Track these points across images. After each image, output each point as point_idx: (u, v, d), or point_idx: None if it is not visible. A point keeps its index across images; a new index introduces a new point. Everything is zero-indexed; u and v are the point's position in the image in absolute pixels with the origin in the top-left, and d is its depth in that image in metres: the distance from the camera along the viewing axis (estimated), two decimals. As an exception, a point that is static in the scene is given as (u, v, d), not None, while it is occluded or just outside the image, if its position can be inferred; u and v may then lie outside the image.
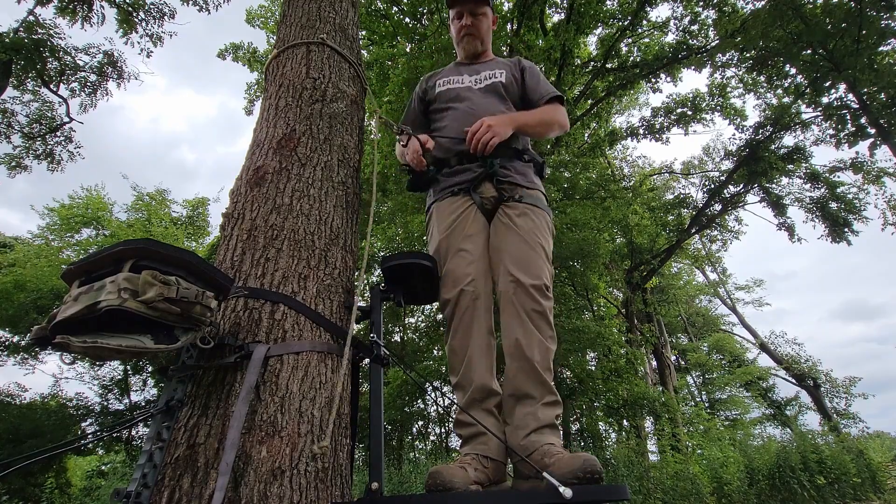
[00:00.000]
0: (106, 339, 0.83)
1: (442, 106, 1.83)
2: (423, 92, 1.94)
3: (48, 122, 9.72)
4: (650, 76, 11.34)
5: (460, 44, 1.96)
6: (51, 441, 8.48)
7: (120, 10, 9.21)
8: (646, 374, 12.87)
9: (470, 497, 1.02)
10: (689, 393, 18.93)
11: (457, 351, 1.46)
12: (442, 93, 1.85)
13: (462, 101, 1.79)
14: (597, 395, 8.92)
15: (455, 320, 1.47)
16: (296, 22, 1.90)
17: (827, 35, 8.79)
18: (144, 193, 14.10)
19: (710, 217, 12.87)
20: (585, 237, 8.58)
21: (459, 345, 1.45)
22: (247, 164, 1.52)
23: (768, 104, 11.67)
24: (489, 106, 1.75)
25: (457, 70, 1.92)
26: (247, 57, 12.70)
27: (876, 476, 7.00)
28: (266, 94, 1.75)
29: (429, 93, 1.90)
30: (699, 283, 21.79)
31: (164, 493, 0.91)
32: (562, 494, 0.92)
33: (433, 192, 1.74)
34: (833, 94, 10.21)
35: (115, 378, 11.41)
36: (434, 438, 13.01)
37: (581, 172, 10.61)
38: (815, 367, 16.56)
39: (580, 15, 9.36)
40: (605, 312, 13.13)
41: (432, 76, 1.97)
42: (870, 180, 11.63)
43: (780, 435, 10.46)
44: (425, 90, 1.92)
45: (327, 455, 1.04)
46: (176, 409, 1.03)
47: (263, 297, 1.18)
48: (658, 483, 6.48)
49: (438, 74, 1.95)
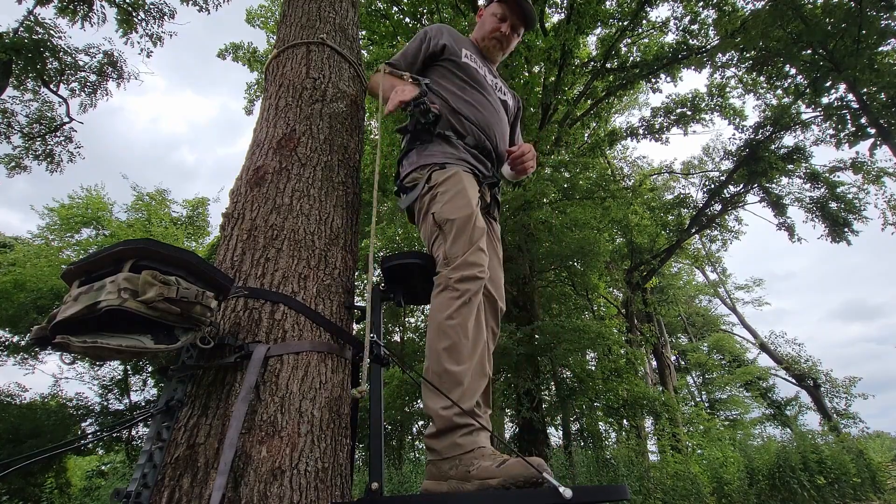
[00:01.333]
0: (106, 339, 0.83)
1: (465, 78, 1.69)
2: (436, 46, 1.74)
3: (48, 122, 9.72)
4: (650, 76, 11.35)
5: (487, 41, 1.85)
6: (51, 441, 8.48)
7: (120, 10, 9.21)
8: (646, 374, 12.87)
9: (470, 497, 1.02)
10: (689, 393, 18.95)
11: (475, 338, 1.25)
12: (467, 65, 1.72)
13: (485, 93, 1.69)
14: (597, 395, 8.91)
15: (473, 299, 1.27)
16: (296, 22, 1.90)
17: (827, 35, 8.79)
18: (144, 193, 14.12)
19: (710, 217, 12.87)
20: (586, 236, 8.59)
21: (478, 333, 1.26)
22: (247, 164, 1.52)
23: (768, 104, 11.67)
24: (503, 124, 1.74)
25: (480, 55, 1.84)
26: (247, 57, 12.70)
27: (876, 476, 7.00)
28: (266, 94, 1.75)
29: (446, 51, 1.73)
30: (699, 283, 21.81)
31: (164, 493, 0.91)
32: (562, 494, 0.92)
33: (441, 152, 1.52)
34: (833, 94, 10.22)
35: (115, 378, 11.42)
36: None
37: (581, 172, 10.61)
38: (815, 367, 16.57)
39: (580, 15, 9.35)
40: (605, 312, 13.15)
41: (453, 37, 1.79)
42: (870, 180, 11.64)
43: (780, 435, 10.46)
44: (442, 46, 1.73)
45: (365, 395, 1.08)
46: (176, 409, 1.03)
47: (263, 297, 1.18)
48: (658, 483, 6.48)
49: (460, 41, 1.79)
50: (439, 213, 1.37)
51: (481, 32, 1.88)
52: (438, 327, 1.22)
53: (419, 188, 1.47)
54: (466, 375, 1.17)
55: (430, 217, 1.40)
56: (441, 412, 1.12)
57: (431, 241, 1.40)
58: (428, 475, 1.12)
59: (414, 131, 1.56)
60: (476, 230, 1.33)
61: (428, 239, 1.43)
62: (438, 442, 1.11)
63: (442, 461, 1.09)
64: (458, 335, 1.20)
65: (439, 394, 1.13)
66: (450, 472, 1.07)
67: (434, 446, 1.11)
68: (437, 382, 1.16)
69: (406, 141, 1.63)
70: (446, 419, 1.10)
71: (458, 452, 1.07)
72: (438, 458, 1.10)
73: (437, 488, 1.06)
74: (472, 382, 1.18)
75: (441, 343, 1.20)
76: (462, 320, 1.22)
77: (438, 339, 1.21)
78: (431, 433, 1.14)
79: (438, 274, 1.32)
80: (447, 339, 1.20)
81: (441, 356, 1.18)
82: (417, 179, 1.50)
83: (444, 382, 1.15)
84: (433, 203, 1.41)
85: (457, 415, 1.10)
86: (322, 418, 1.08)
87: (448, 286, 1.26)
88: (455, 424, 1.10)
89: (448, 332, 1.20)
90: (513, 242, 9.05)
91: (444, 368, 1.17)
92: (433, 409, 1.14)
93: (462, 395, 1.14)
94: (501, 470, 1.00)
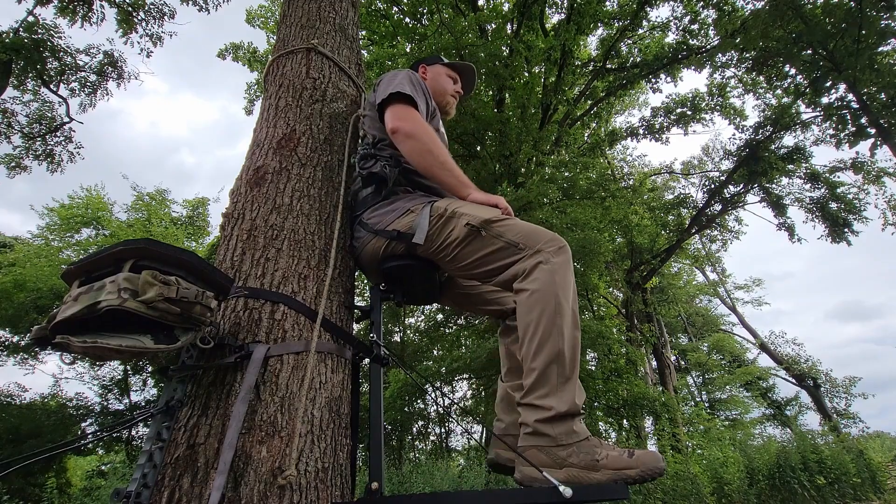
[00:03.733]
0: (106, 339, 0.83)
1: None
2: (432, 109, 1.67)
3: (48, 122, 9.72)
4: (650, 76, 11.35)
5: (449, 97, 1.84)
6: (51, 441, 8.48)
7: (120, 10, 9.21)
8: (646, 374, 12.87)
9: (470, 497, 1.02)
10: (689, 393, 18.93)
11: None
12: (441, 135, 1.70)
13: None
14: (597, 395, 8.92)
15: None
16: (296, 22, 1.90)
17: (827, 35, 8.80)
18: (144, 193, 14.12)
19: (710, 217, 12.88)
20: (588, 236, 8.59)
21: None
22: (247, 163, 1.52)
23: (768, 104, 11.67)
24: None
25: (440, 125, 1.79)
26: (247, 57, 12.72)
27: (876, 476, 7.00)
28: (266, 94, 1.75)
29: (433, 118, 1.66)
30: (699, 282, 21.80)
31: (164, 493, 0.91)
32: (562, 494, 0.92)
33: (422, 195, 1.50)
34: (833, 94, 10.23)
35: (115, 378, 11.41)
36: (434, 438, 13.02)
37: (581, 172, 10.61)
38: (815, 367, 16.57)
39: (580, 15, 9.36)
40: (605, 312, 13.15)
41: (434, 108, 1.72)
42: (870, 180, 11.64)
43: (780, 435, 10.47)
44: (432, 112, 1.67)
45: (293, 483, 0.95)
46: (176, 409, 1.03)
47: (263, 297, 1.18)
48: (658, 483, 6.48)
49: (435, 114, 1.70)
50: (474, 215, 1.29)
51: (440, 89, 1.82)
52: (560, 304, 1.17)
53: (426, 217, 1.35)
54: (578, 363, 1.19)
55: (465, 226, 1.29)
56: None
57: (478, 247, 1.30)
58: (535, 459, 1.07)
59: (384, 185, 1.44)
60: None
61: (470, 251, 1.31)
62: (553, 427, 1.08)
63: (557, 447, 1.06)
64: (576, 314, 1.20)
65: (562, 377, 1.12)
66: (568, 458, 1.04)
67: (548, 431, 1.08)
68: (569, 366, 1.14)
69: (370, 195, 1.48)
70: (569, 403, 1.09)
71: (575, 440, 1.06)
72: (553, 444, 1.07)
73: (554, 476, 1.01)
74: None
75: (569, 319, 1.16)
76: (575, 297, 1.23)
77: (562, 317, 1.16)
78: (546, 417, 1.09)
79: (521, 260, 1.23)
80: (574, 316, 1.18)
81: (576, 337, 1.17)
82: (413, 219, 1.38)
83: (574, 366, 1.15)
84: (458, 217, 1.31)
85: (578, 400, 1.11)
86: (322, 418, 1.08)
87: (548, 261, 1.20)
88: (577, 410, 1.10)
89: (571, 311, 1.18)
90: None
91: (575, 353, 1.15)
92: (557, 392, 1.12)
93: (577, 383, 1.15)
94: (635, 460, 1.00)
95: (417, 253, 1.37)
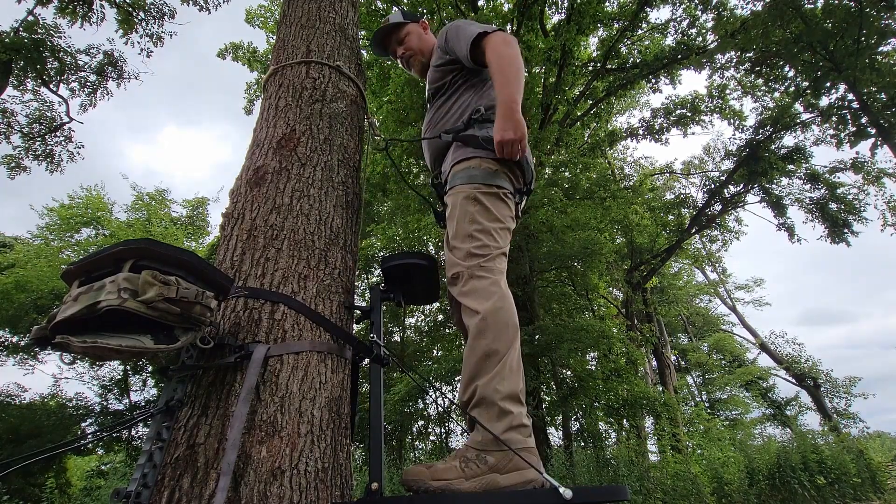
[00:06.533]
0: (106, 339, 0.83)
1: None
2: None
3: (48, 122, 9.72)
4: (650, 76, 11.35)
5: (412, 71, 1.97)
6: (51, 441, 8.48)
7: (120, 10, 9.21)
8: (646, 374, 12.87)
9: (469, 497, 1.02)
10: (689, 393, 18.92)
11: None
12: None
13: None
14: (597, 395, 8.91)
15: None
16: (296, 22, 1.90)
17: (827, 35, 8.79)
18: (144, 193, 14.13)
19: (710, 217, 12.87)
20: (589, 236, 8.59)
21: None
22: (247, 163, 1.52)
23: (765, 107, 11.68)
24: (433, 117, 1.72)
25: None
26: (246, 57, 12.72)
27: (876, 476, 7.00)
28: (266, 94, 1.75)
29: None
30: (699, 282, 21.80)
31: (163, 493, 0.91)
32: (562, 495, 0.92)
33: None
34: (833, 94, 10.22)
35: (115, 378, 11.42)
36: (434, 438, 13.01)
37: (581, 172, 10.61)
38: (816, 366, 16.57)
39: (581, 15, 9.35)
40: (605, 312, 13.14)
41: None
42: (870, 181, 11.63)
43: (780, 435, 10.45)
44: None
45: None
46: (176, 409, 1.03)
47: (263, 297, 1.18)
48: (658, 483, 6.47)
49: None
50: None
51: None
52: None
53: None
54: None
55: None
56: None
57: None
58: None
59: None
60: None
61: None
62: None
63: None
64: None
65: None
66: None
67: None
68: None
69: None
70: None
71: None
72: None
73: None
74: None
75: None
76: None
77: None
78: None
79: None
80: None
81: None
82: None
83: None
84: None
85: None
86: (322, 418, 1.08)
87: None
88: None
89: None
90: (513, 243, 9.04)
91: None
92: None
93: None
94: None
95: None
